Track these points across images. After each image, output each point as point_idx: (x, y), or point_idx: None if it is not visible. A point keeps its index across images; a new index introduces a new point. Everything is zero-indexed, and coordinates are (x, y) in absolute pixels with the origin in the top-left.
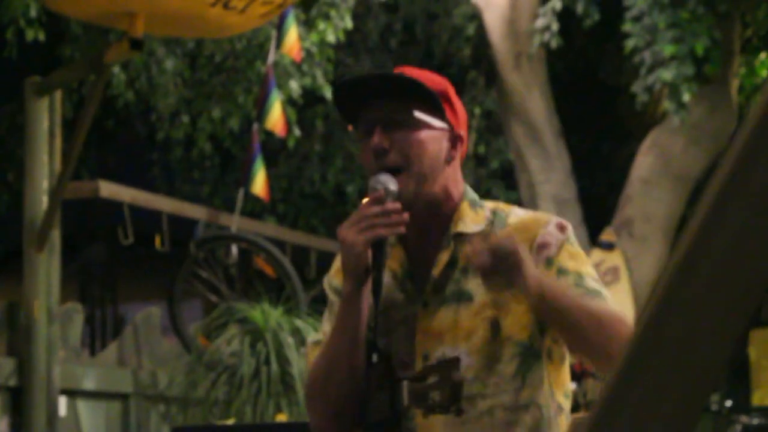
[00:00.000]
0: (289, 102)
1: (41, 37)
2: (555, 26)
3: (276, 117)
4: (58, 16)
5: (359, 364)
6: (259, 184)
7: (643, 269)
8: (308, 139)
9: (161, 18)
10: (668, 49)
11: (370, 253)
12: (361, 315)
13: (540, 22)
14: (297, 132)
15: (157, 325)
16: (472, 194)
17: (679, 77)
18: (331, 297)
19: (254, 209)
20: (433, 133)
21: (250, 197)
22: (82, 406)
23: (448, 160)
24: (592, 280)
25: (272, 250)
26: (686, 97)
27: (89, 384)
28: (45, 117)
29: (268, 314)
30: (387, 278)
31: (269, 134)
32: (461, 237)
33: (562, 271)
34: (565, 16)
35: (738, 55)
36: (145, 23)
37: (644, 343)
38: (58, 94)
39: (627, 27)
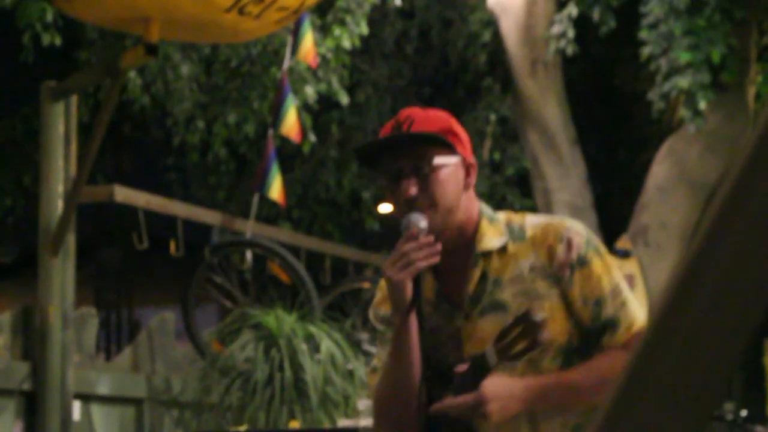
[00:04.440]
0: (304, 108)
1: (57, 41)
2: (571, 33)
3: (291, 122)
4: (75, 21)
5: (416, 382)
6: (276, 189)
7: (659, 277)
8: (323, 145)
9: (176, 23)
10: (684, 57)
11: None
12: (412, 340)
13: (556, 29)
14: (312, 138)
15: (172, 330)
16: (487, 209)
17: (695, 85)
18: (379, 327)
19: (269, 215)
20: (450, 170)
21: (265, 203)
22: (96, 410)
23: (465, 188)
24: (609, 300)
25: (287, 256)
26: (702, 104)
27: (103, 389)
28: (61, 121)
29: (282, 320)
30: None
31: (284, 140)
32: (488, 253)
33: (585, 301)
34: (581, 22)
35: (754, 63)
36: (161, 28)
37: (647, 357)
38: (73, 99)
39: (643, 34)
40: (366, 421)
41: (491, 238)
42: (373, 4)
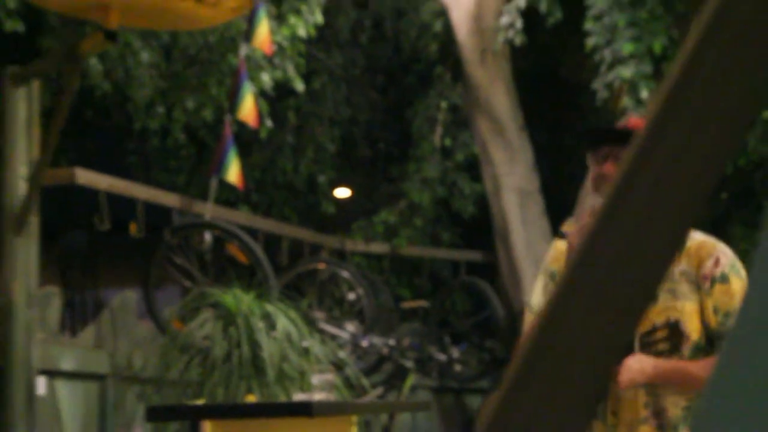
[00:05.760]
0: (261, 94)
1: (20, 28)
2: (519, 24)
3: (248, 108)
4: (37, 8)
5: None
6: (234, 172)
7: None
8: (281, 131)
9: (135, 10)
10: (627, 48)
11: None
12: None
13: (504, 20)
14: (269, 123)
15: (134, 309)
16: None
17: (637, 75)
18: (545, 278)
19: (228, 198)
20: None
21: (224, 186)
22: (61, 386)
23: None
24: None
25: (244, 238)
26: (644, 93)
27: (68, 365)
28: (23, 106)
29: (240, 299)
30: None
31: (242, 125)
32: None
33: (716, 310)
34: (529, 14)
35: None
36: (120, 15)
37: (550, 323)
38: (35, 84)
39: (588, 25)
40: (320, 395)
41: None
42: None
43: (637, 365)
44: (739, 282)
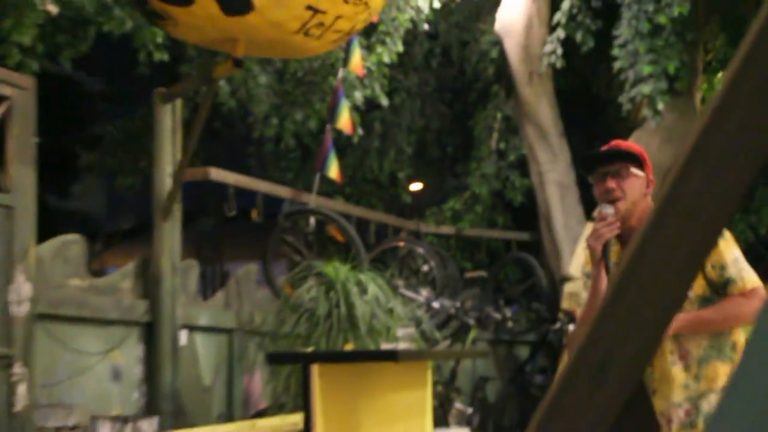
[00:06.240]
0: (354, 108)
1: (165, 58)
2: (559, 51)
3: (344, 119)
4: (179, 41)
5: None
6: (334, 170)
7: None
8: (369, 137)
9: (257, 43)
10: (647, 69)
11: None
12: (602, 284)
13: (548, 48)
14: (360, 131)
15: (254, 278)
16: None
17: (655, 91)
18: (584, 279)
19: (327, 190)
20: (638, 179)
21: (324, 181)
22: (198, 338)
23: (645, 195)
24: (731, 266)
25: (341, 221)
26: (660, 106)
27: (203, 321)
28: (168, 119)
29: (338, 270)
30: (614, 265)
31: (339, 133)
32: None
33: (713, 266)
34: (568, 43)
35: (701, 74)
36: (245, 47)
37: (626, 276)
38: (178, 102)
39: (615, 51)
40: (402, 345)
41: None
42: (406, 28)
43: None
44: (723, 242)
